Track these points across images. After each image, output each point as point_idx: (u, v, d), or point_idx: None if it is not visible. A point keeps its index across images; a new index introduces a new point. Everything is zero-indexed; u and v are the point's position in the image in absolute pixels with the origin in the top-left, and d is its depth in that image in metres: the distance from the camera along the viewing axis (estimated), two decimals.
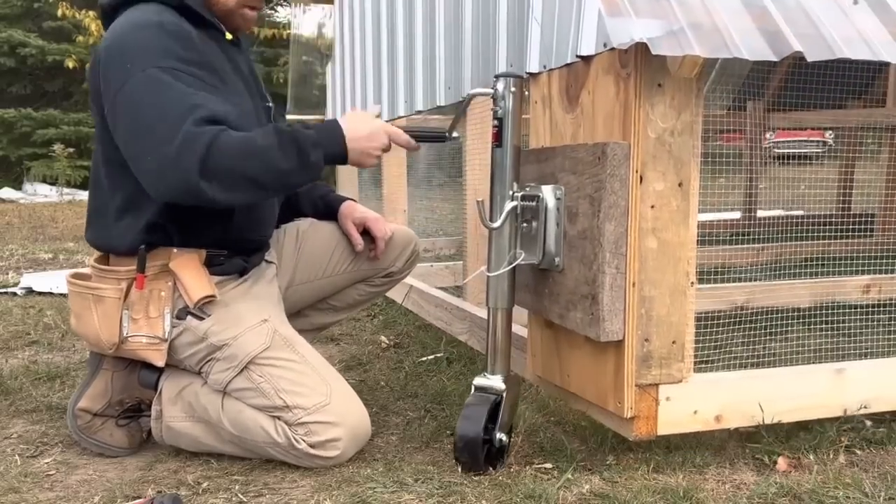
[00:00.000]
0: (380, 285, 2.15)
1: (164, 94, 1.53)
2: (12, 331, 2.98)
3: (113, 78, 1.58)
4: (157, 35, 1.59)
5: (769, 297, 2.77)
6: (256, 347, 1.64)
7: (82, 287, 1.72)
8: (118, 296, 1.67)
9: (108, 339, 1.68)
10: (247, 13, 1.77)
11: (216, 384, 1.67)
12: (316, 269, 2.04)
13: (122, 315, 1.67)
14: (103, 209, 1.71)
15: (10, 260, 5.04)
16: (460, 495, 1.50)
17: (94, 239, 1.75)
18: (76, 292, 1.73)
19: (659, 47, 1.37)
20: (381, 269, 2.10)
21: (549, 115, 1.75)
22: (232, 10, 1.74)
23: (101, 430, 1.76)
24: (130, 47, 1.58)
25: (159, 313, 1.67)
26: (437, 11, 2.54)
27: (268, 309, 1.74)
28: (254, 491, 1.55)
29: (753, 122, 4.27)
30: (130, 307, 1.68)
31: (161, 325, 1.67)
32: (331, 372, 1.70)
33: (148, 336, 1.67)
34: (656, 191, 1.48)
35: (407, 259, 2.14)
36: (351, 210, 2.05)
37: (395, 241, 2.10)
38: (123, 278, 1.68)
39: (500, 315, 1.65)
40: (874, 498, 1.47)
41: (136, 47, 1.58)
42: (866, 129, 4.56)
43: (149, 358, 1.69)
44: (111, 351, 1.69)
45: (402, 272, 2.17)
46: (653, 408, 1.54)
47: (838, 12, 1.55)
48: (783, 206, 4.45)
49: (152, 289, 1.67)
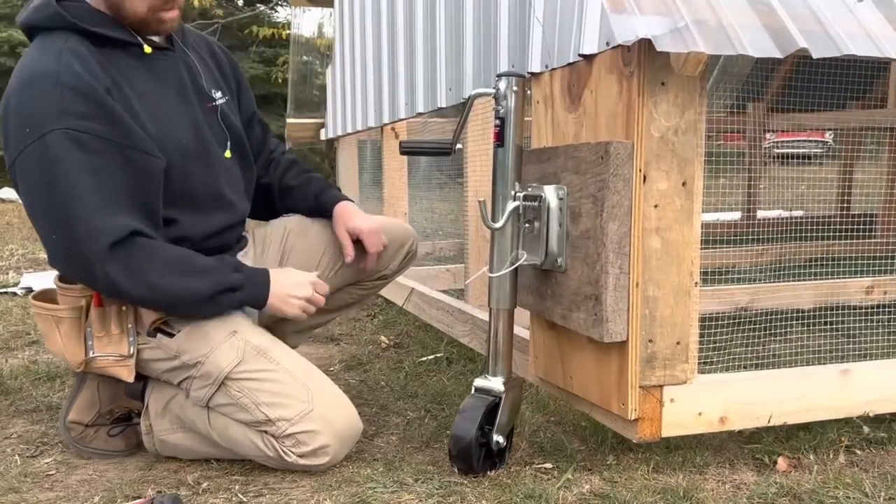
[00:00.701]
0: (371, 287, 2.09)
1: (65, 178, 1.49)
2: (12, 331, 2.97)
3: (12, 138, 1.53)
4: (50, 94, 1.50)
5: (772, 299, 2.76)
6: (229, 363, 1.60)
7: (41, 308, 1.69)
8: (76, 315, 1.64)
9: (73, 358, 1.66)
10: (163, 16, 1.64)
11: (198, 401, 1.64)
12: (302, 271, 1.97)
13: (84, 334, 1.65)
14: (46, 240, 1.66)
15: (10, 260, 5.04)
16: (460, 495, 1.49)
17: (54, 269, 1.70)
18: (38, 314, 1.70)
19: (663, 44, 1.36)
20: (374, 273, 2.03)
21: (552, 115, 1.74)
22: (144, 18, 1.63)
23: (96, 439, 1.75)
24: (27, 107, 1.52)
25: (122, 329, 1.64)
26: (437, 11, 2.54)
27: (236, 319, 1.68)
28: (254, 491, 1.54)
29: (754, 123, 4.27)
30: (92, 325, 1.64)
31: (125, 341, 1.64)
32: (311, 374, 1.65)
33: (113, 354, 1.64)
34: (660, 190, 1.48)
35: (402, 260, 2.07)
36: (346, 215, 1.93)
37: (391, 243, 2.00)
38: (81, 296, 1.64)
39: (502, 316, 1.64)
40: (874, 498, 1.47)
41: (31, 108, 1.51)
42: (866, 130, 4.55)
43: (117, 375, 1.66)
44: (80, 369, 1.67)
45: (396, 273, 2.10)
46: (657, 409, 1.53)
47: (843, 9, 1.54)
48: (783, 207, 4.45)
49: (111, 305, 1.63)
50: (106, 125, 1.53)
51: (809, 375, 1.69)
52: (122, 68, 1.60)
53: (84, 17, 1.58)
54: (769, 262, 3.51)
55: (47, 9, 1.58)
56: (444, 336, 2.64)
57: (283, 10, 14.45)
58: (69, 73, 1.52)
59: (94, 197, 1.51)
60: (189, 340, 1.63)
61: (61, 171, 1.50)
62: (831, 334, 2.48)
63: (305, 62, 6.12)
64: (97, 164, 1.52)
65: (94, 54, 1.56)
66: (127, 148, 1.55)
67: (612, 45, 1.47)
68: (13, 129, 1.53)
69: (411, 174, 3.97)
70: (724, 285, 2.90)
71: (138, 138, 1.57)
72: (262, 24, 12.12)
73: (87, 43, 1.57)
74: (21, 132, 1.51)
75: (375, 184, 3.94)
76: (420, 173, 4.51)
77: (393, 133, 3.46)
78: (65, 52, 1.54)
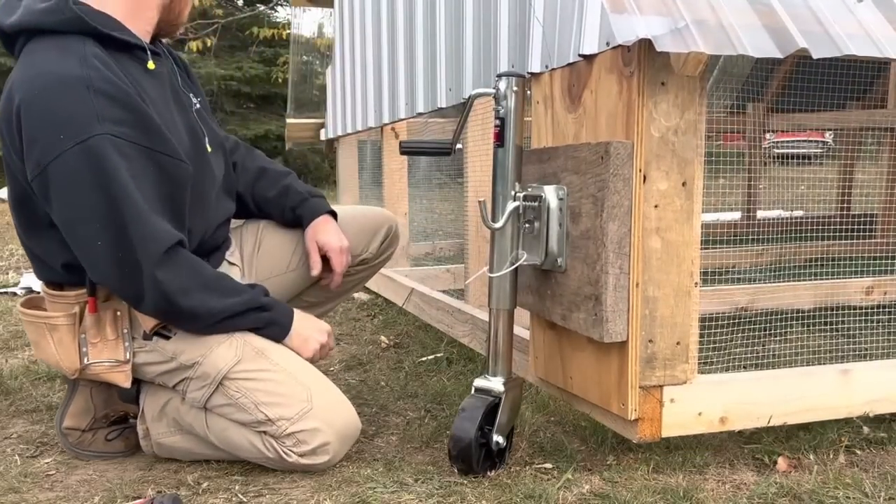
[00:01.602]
0: (355, 274, 2.04)
1: (115, 183, 1.47)
2: (12, 331, 2.97)
3: (42, 142, 1.47)
4: (85, 98, 1.46)
5: (771, 299, 2.76)
6: (227, 363, 1.59)
7: (33, 316, 1.67)
8: (71, 322, 1.63)
9: (68, 366, 1.64)
10: (185, 19, 1.69)
11: (195, 402, 1.63)
12: (278, 265, 1.95)
13: (79, 340, 1.63)
14: (37, 250, 1.65)
15: (10, 260, 5.04)
16: (460, 495, 1.49)
17: (42, 278, 1.68)
18: (29, 322, 1.68)
19: (664, 44, 1.36)
20: (353, 259, 1.98)
21: (552, 115, 1.74)
22: (180, 20, 1.67)
23: (95, 442, 1.74)
24: (58, 112, 1.46)
25: (117, 335, 1.63)
26: (437, 12, 2.54)
27: None
28: (254, 491, 1.54)
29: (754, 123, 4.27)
30: (86, 331, 1.63)
31: (121, 346, 1.63)
32: (309, 373, 1.65)
33: (109, 360, 1.63)
34: (660, 190, 1.48)
35: (381, 242, 2.04)
36: (319, 230, 1.91)
37: (363, 226, 1.98)
38: (75, 303, 1.63)
39: (502, 316, 1.64)
40: (874, 498, 1.47)
41: (64, 113, 1.46)
42: (866, 130, 4.55)
43: (114, 380, 1.65)
44: (75, 376, 1.66)
45: (379, 257, 2.07)
46: (657, 410, 1.53)
47: (843, 9, 1.54)
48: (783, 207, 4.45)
49: (106, 310, 1.63)
50: (141, 132, 1.51)
51: (809, 375, 1.69)
52: (132, 73, 1.57)
53: (102, 21, 1.55)
54: (769, 262, 3.51)
55: (63, 12, 1.53)
56: (444, 336, 2.64)
57: (283, 10, 14.47)
58: (100, 77, 1.48)
59: (143, 203, 1.50)
60: (186, 342, 1.62)
61: (110, 176, 1.47)
62: (831, 334, 2.48)
63: (305, 62, 6.13)
64: (138, 170, 1.50)
65: (111, 59, 1.54)
66: (162, 155, 1.54)
67: (612, 46, 1.47)
68: (41, 133, 1.47)
69: (411, 174, 3.97)
70: (724, 285, 2.90)
71: (171, 146, 1.56)
72: (262, 25, 12.12)
73: (100, 47, 1.54)
74: (54, 137, 1.46)
75: (375, 184, 3.94)
76: (420, 173, 4.51)
77: (393, 133, 3.46)
78: (89, 56, 1.50)
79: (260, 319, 1.65)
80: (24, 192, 1.57)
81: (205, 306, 1.58)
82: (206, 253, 1.74)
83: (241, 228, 1.97)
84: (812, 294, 2.78)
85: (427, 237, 4.53)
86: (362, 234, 2.01)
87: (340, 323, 3.06)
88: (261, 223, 1.98)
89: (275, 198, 1.94)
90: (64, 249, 1.58)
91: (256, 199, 1.96)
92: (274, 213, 1.96)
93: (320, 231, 1.91)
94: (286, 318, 1.69)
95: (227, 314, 1.60)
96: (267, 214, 1.97)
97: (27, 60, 1.54)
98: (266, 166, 1.99)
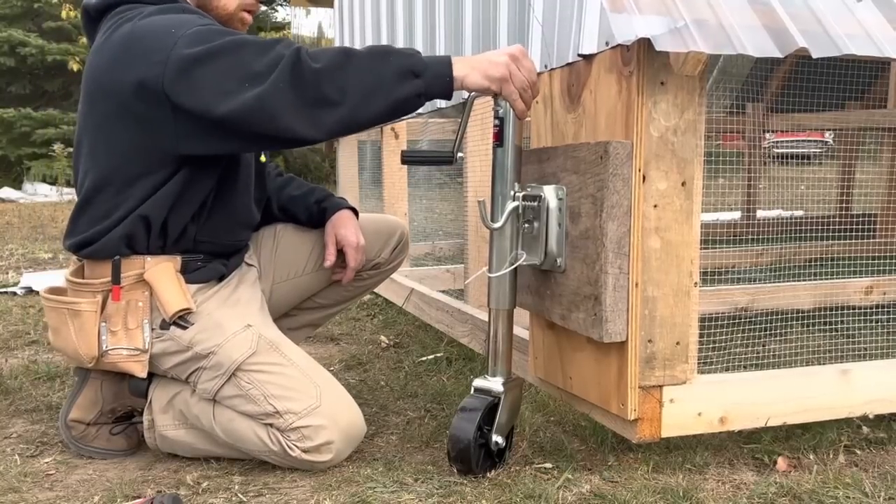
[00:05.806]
0: (367, 279, 2.09)
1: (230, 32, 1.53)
2: (12, 330, 2.97)
3: (157, 45, 1.50)
4: (185, 14, 1.57)
5: (771, 299, 2.76)
6: (242, 354, 1.61)
7: (57, 302, 1.68)
8: (94, 309, 1.64)
9: (86, 353, 1.65)
10: (245, 17, 1.74)
11: (205, 393, 1.64)
12: (295, 265, 1.99)
13: (99, 328, 1.64)
14: (82, 211, 1.67)
15: (10, 260, 5.04)
16: (460, 495, 1.49)
17: (72, 244, 1.68)
18: (51, 307, 1.70)
19: (663, 44, 1.36)
20: (366, 262, 2.04)
21: (551, 115, 1.75)
22: (231, 14, 1.71)
23: (98, 438, 1.75)
24: (164, 24, 1.53)
25: (138, 324, 1.64)
26: (437, 12, 2.54)
27: (251, 313, 1.71)
28: (254, 491, 1.54)
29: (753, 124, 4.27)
30: (108, 320, 1.64)
31: (140, 336, 1.64)
32: (320, 372, 1.68)
33: (128, 348, 1.64)
34: (659, 190, 1.48)
35: (394, 248, 2.08)
36: (339, 224, 1.97)
37: (379, 230, 2.03)
38: (99, 291, 1.65)
39: (502, 316, 1.64)
40: (874, 498, 1.47)
41: (170, 22, 1.54)
42: (866, 130, 4.55)
43: (130, 370, 1.65)
44: (91, 365, 1.67)
45: (390, 263, 2.11)
46: (656, 410, 1.53)
47: (843, 9, 1.54)
48: (783, 207, 4.45)
49: (129, 300, 1.64)
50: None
51: (809, 375, 1.69)
52: None
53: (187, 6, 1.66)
54: (769, 262, 3.51)
55: None
56: (444, 336, 2.64)
57: (283, 10, 14.46)
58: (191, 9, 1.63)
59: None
60: (203, 331, 1.64)
61: (229, 32, 1.53)
62: (831, 334, 2.48)
63: None
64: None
65: None
66: None
67: (611, 45, 1.48)
68: (158, 35, 1.52)
69: (411, 174, 3.96)
70: (723, 285, 2.90)
71: None
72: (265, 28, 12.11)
73: None
74: (170, 31, 1.51)
75: (375, 184, 3.94)
76: (420, 173, 4.50)
77: (393, 133, 3.46)
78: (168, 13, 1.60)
79: (417, 68, 1.56)
80: (109, 139, 1.60)
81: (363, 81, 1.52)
82: (228, 255, 1.78)
83: (259, 232, 2.00)
84: (812, 294, 2.78)
85: (427, 237, 4.52)
86: (377, 237, 2.05)
87: (340, 323, 3.06)
88: (277, 227, 2.02)
89: (301, 195, 2.02)
90: (126, 206, 1.61)
91: (282, 199, 2.02)
92: (299, 209, 2.02)
93: (340, 225, 1.96)
94: (442, 65, 1.55)
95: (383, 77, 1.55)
96: (291, 213, 2.03)
97: (133, 21, 1.58)
98: (293, 176, 2.10)
